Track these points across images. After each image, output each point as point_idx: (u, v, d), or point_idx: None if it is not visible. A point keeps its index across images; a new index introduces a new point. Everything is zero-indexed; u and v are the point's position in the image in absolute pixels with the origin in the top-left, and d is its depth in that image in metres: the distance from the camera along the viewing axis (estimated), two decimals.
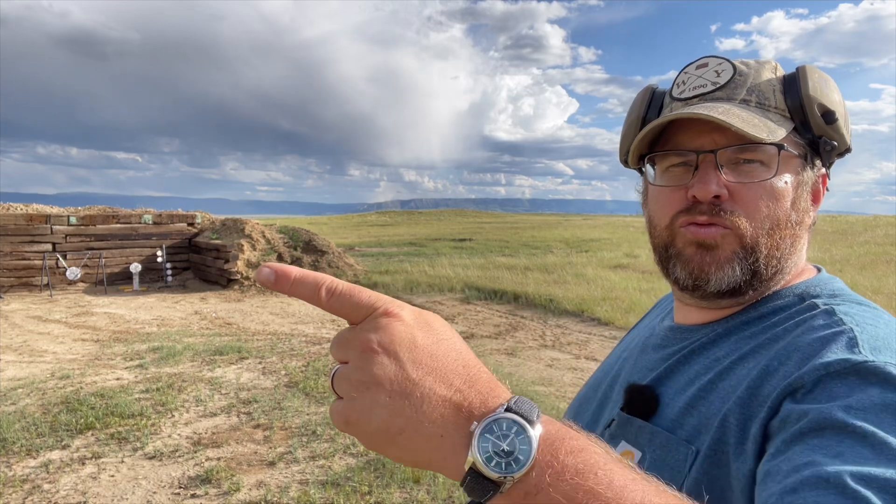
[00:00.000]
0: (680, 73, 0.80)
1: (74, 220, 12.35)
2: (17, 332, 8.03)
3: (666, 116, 0.73)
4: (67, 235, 12.24)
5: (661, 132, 0.77)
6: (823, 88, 0.73)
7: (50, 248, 11.96)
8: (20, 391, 5.37)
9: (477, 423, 0.41)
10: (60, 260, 11.95)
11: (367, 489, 3.60)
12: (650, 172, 0.79)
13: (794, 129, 0.73)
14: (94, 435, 4.42)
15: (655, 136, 0.77)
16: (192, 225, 13.85)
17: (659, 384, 0.75)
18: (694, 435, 0.66)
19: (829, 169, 0.79)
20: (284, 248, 12.79)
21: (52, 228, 12.04)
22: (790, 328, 0.67)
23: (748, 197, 0.71)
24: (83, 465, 3.95)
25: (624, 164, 0.85)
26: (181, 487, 3.68)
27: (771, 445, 0.56)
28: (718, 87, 0.74)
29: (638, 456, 0.70)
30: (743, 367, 0.67)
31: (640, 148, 0.78)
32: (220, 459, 4.05)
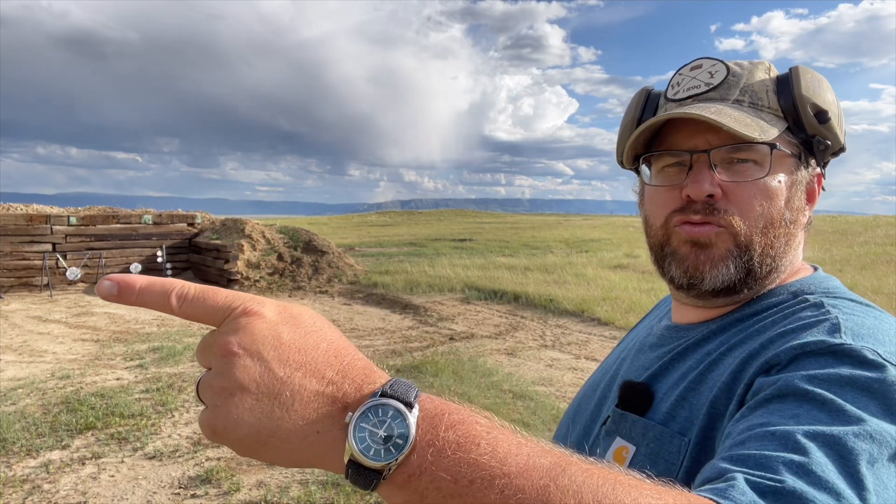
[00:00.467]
0: (674, 74, 0.80)
1: (74, 220, 12.35)
2: (17, 332, 8.03)
3: (659, 117, 0.74)
4: (67, 235, 12.24)
5: (656, 133, 0.78)
6: (816, 88, 0.73)
7: (50, 248, 11.96)
8: (20, 391, 5.38)
9: (352, 413, 0.39)
10: (60, 260, 11.95)
11: None
12: (646, 173, 0.80)
13: (787, 128, 0.74)
14: (94, 435, 4.42)
15: (650, 136, 0.78)
16: (192, 225, 13.86)
17: (654, 381, 0.76)
18: (686, 426, 0.67)
19: (823, 168, 0.79)
20: (284, 248, 12.80)
21: (52, 228, 12.04)
22: (778, 320, 0.69)
23: (742, 196, 0.71)
24: (83, 465, 3.95)
25: (620, 164, 0.85)
26: (181, 487, 3.68)
27: (738, 413, 0.58)
28: (712, 87, 0.75)
29: (633, 451, 0.71)
30: (730, 356, 0.68)
31: (635, 148, 0.78)
32: (220, 459, 4.05)
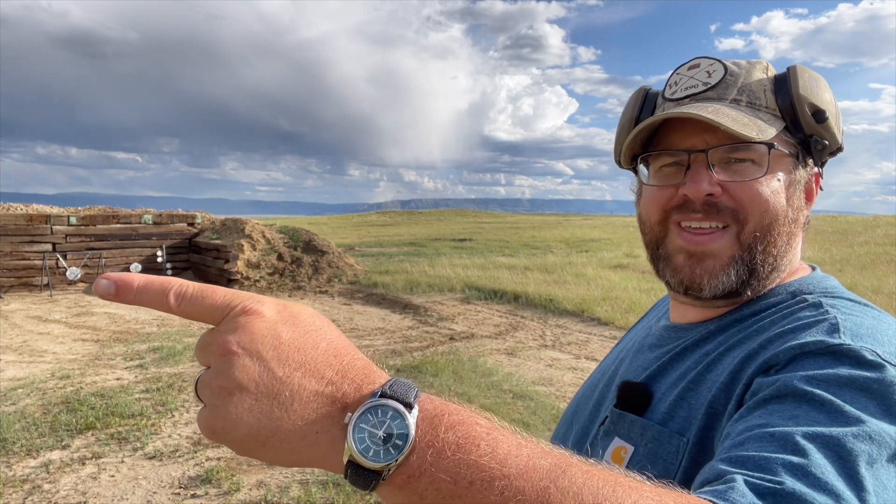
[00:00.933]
0: (672, 74, 0.80)
1: (74, 220, 12.35)
2: (17, 332, 8.03)
3: (656, 116, 0.74)
4: (67, 235, 12.24)
5: (653, 132, 0.78)
6: (814, 88, 0.73)
7: (50, 248, 11.96)
8: (20, 391, 5.38)
9: (351, 413, 0.39)
10: (60, 260, 11.95)
11: None
12: (643, 172, 0.80)
13: (785, 128, 0.74)
14: (94, 435, 4.42)
15: (648, 136, 0.78)
16: (192, 225, 13.85)
17: (652, 381, 0.76)
18: (685, 426, 0.67)
19: (821, 168, 0.79)
20: (284, 248, 12.79)
21: (52, 228, 12.04)
22: (777, 320, 0.69)
23: (741, 195, 0.71)
24: (83, 465, 3.95)
25: (619, 164, 0.85)
26: (181, 487, 3.68)
27: (737, 413, 0.58)
28: (709, 87, 0.74)
29: (631, 451, 0.71)
30: (729, 356, 0.68)
31: (632, 148, 0.78)
32: (220, 459, 4.05)
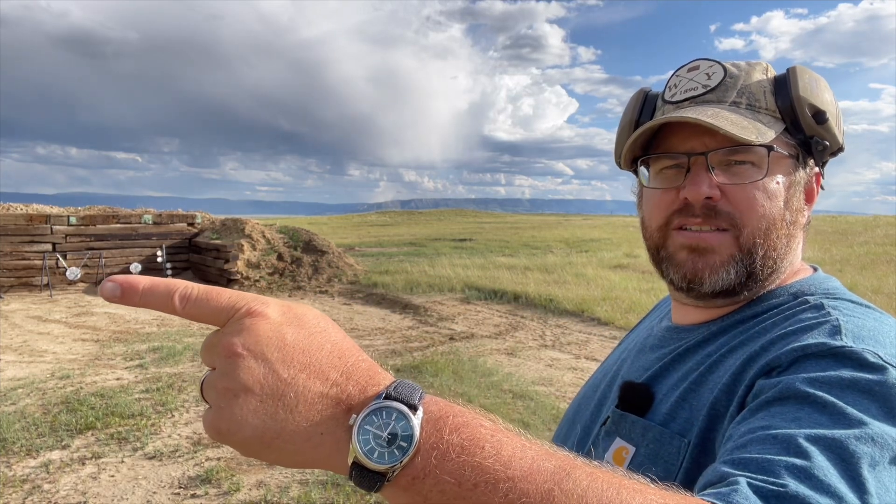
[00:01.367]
0: (672, 75, 0.80)
1: (74, 220, 12.34)
2: (17, 332, 8.03)
3: (655, 120, 0.74)
4: (67, 235, 12.24)
5: (653, 135, 0.78)
6: (814, 89, 0.73)
7: (50, 248, 11.96)
8: (20, 391, 5.38)
9: (356, 415, 0.39)
10: (60, 260, 11.95)
11: None
12: (644, 174, 0.80)
13: (785, 129, 0.73)
14: (94, 435, 4.42)
15: (648, 138, 0.78)
16: (192, 225, 13.85)
17: (654, 382, 0.76)
18: (686, 428, 0.67)
19: (822, 168, 0.79)
20: (284, 248, 12.79)
21: (52, 228, 12.04)
22: (779, 322, 0.69)
23: (741, 198, 0.71)
24: (83, 465, 3.95)
25: (619, 166, 0.85)
26: (181, 487, 3.68)
27: (739, 415, 0.58)
28: (709, 89, 0.74)
29: (632, 451, 0.71)
30: (730, 358, 0.68)
31: (633, 151, 0.78)
32: (220, 459, 4.05)
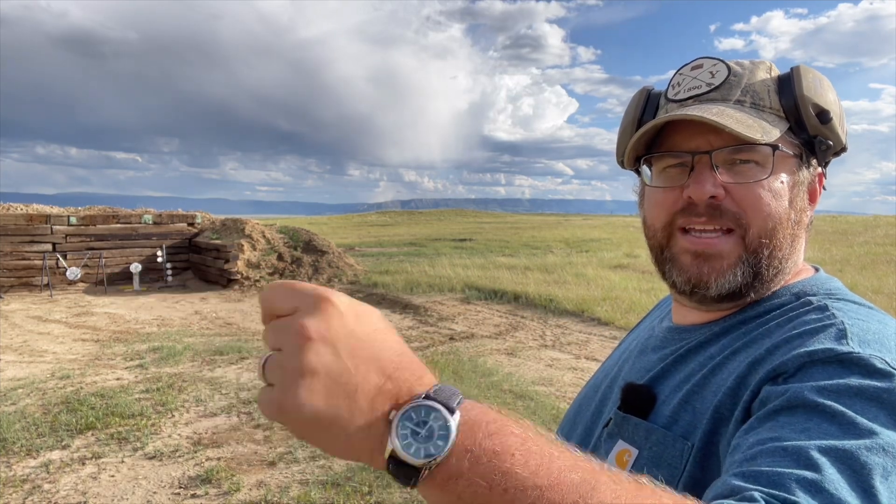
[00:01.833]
0: (675, 74, 0.80)
1: (74, 220, 12.34)
2: (17, 332, 8.03)
3: (659, 118, 0.74)
4: (67, 235, 12.23)
5: (656, 134, 0.77)
6: (818, 88, 0.73)
7: (50, 248, 11.95)
8: (20, 391, 5.37)
9: (396, 411, 0.41)
10: (60, 260, 11.95)
11: (367, 489, 3.60)
12: (647, 173, 0.79)
13: (789, 129, 0.73)
14: (94, 435, 4.42)
15: (651, 137, 0.77)
16: (192, 225, 13.85)
17: (656, 383, 0.76)
18: (689, 430, 0.66)
19: (825, 168, 0.79)
20: (284, 248, 12.79)
21: (52, 228, 12.03)
22: (782, 323, 0.68)
23: (745, 197, 0.71)
24: (83, 465, 3.95)
25: (621, 165, 0.85)
26: (181, 487, 3.68)
27: (745, 423, 0.57)
28: (713, 88, 0.74)
29: (635, 454, 0.70)
30: (734, 360, 0.68)
31: (636, 149, 0.78)
32: (220, 459, 4.05)
